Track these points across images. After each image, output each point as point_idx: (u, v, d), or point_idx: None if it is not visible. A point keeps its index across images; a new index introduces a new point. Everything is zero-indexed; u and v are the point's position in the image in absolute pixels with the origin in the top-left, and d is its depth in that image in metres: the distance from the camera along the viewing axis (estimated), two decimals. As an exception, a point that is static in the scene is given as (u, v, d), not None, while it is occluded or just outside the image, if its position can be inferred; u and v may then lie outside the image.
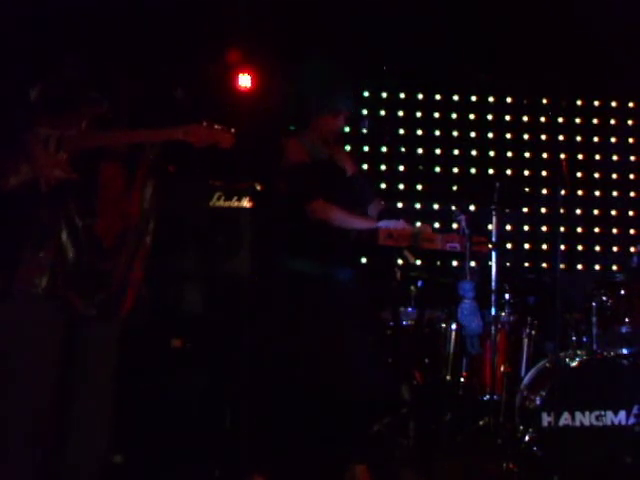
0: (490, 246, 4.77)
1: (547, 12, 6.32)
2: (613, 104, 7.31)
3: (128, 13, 3.33)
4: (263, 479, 4.03)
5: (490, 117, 7.26)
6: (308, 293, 4.04)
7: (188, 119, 3.33)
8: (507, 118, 7.26)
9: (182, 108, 3.43)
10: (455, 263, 6.35)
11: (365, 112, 4.40)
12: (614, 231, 7.22)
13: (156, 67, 3.43)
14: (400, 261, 4.91)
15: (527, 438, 4.49)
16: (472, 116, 7.24)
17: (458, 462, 4.31)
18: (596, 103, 7.31)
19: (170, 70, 3.50)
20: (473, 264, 4.37)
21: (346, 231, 4.05)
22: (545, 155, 7.21)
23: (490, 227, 5.05)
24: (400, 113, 7.08)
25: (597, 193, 7.27)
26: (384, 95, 7.03)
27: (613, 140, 7.31)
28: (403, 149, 7.18)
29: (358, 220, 4.06)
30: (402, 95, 7.12)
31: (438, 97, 7.23)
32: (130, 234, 3.30)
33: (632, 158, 7.29)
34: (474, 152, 7.21)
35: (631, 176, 7.28)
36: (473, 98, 7.26)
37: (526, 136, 7.24)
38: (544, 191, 7.07)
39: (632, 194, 7.26)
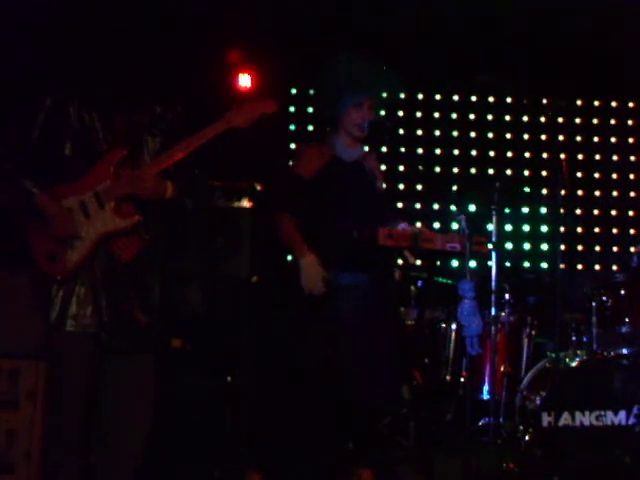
0: (490, 246, 4.76)
1: (547, 12, 6.32)
2: (613, 104, 7.31)
3: (127, 15, 3.29)
4: (260, 477, 4.01)
5: (490, 117, 7.26)
6: (311, 295, 4.02)
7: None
8: (507, 118, 7.27)
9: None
10: (455, 263, 6.35)
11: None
12: (614, 231, 7.22)
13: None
14: (400, 261, 4.91)
15: (527, 438, 4.49)
16: (472, 116, 7.25)
17: (458, 462, 4.31)
18: (596, 103, 7.31)
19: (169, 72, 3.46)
20: (473, 264, 4.36)
21: (347, 234, 4.00)
22: (545, 155, 7.21)
23: (490, 227, 5.05)
24: (400, 113, 7.08)
25: (597, 193, 7.27)
26: (384, 95, 7.02)
27: (613, 140, 7.31)
28: (403, 149, 7.18)
29: (296, 244, 3.97)
30: (402, 95, 7.11)
31: (438, 97, 7.23)
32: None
33: (632, 158, 7.29)
34: (474, 152, 7.21)
35: (631, 176, 7.28)
36: (473, 98, 7.26)
37: (526, 136, 7.24)
38: (544, 191, 7.07)
39: (632, 194, 7.26)
